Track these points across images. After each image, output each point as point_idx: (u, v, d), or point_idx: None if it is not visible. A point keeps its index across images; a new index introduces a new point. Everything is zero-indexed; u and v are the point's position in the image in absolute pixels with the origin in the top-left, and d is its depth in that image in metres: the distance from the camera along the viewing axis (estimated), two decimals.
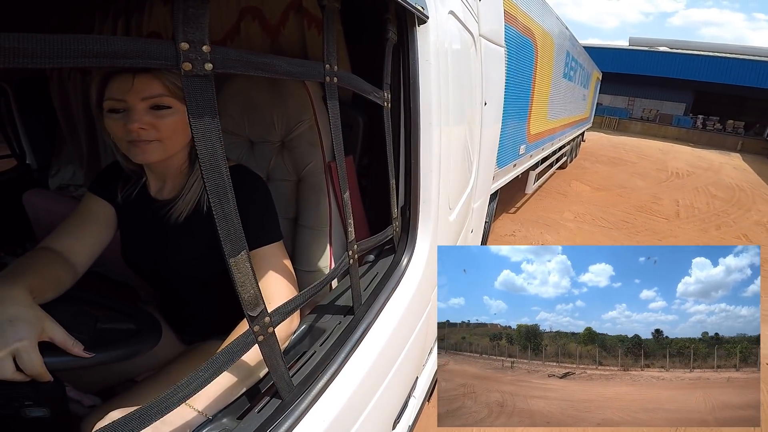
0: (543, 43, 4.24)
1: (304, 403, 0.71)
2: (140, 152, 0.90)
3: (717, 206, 7.60)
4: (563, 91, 6.18)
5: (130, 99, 0.86)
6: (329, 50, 0.68)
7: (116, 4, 1.82)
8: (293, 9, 1.29)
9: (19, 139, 2.53)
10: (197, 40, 0.42)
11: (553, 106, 5.51)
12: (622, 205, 7.01)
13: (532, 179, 5.67)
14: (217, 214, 0.49)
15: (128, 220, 1.13)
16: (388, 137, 1.00)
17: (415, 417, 1.48)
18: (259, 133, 1.34)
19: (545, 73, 4.68)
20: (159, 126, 0.89)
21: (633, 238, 5.43)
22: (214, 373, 0.55)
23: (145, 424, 0.50)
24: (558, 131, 6.45)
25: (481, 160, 2.04)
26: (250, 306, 0.57)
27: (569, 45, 6.03)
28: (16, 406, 0.77)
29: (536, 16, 3.86)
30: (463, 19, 1.43)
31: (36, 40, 0.32)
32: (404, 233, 1.17)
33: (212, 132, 0.46)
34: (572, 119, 7.94)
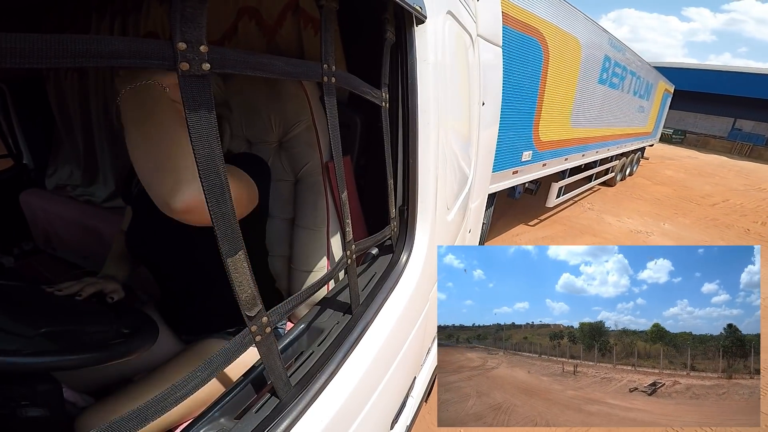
0: (558, 44, 3.93)
1: (302, 403, 0.71)
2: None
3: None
4: (600, 98, 5.64)
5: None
6: (327, 50, 0.68)
7: (113, 4, 1.82)
8: (290, 9, 1.29)
9: (16, 139, 2.54)
10: (195, 40, 0.42)
11: (580, 113, 5.06)
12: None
13: (555, 192, 5.32)
14: (214, 214, 0.49)
15: (138, 211, 1.17)
16: (386, 137, 1.00)
17: (413, 417, 1.48)
18: (256, 134, 1.34)
19: (564, 77, 4.30)
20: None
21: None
22: (211, 374, 0.55)
23: (142, 424, 0.50)
24: (593, 142, 5.93)
25: (479, 160, 2.04)
26: (247, 306, 0.57)
27: (609, 49, 5.49)
28: (13, 406, 0.77)
29: (546, 14, 3.59)
30: (462, 19, 1.43)
31: (33, 40, 0.32)
32: (402, 233, 1.17)
33: (209, 132, 0.46)
34: (620, 131, 7.24)
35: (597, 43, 5.00)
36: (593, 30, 4.81)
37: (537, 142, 4.12)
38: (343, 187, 0.82)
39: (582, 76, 4.76)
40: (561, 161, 4.98)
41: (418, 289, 1.17)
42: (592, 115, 5.51)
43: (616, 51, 5.76)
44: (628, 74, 6.58)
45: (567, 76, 4.39)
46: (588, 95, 5.15)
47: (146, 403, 0.51)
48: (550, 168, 4.75)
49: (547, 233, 5.57)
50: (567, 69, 4.33)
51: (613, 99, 6.26)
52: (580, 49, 4.51)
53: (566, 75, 4.36)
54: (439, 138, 1.18)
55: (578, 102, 4.88)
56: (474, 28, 1.72)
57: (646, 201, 8.16)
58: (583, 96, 5.00)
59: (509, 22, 3.00)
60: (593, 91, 5.30)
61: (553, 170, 4.89)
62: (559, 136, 4.67)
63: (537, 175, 4.45)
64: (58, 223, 2.20)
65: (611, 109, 6.29)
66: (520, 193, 4.69)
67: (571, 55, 4.34)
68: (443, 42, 1.17)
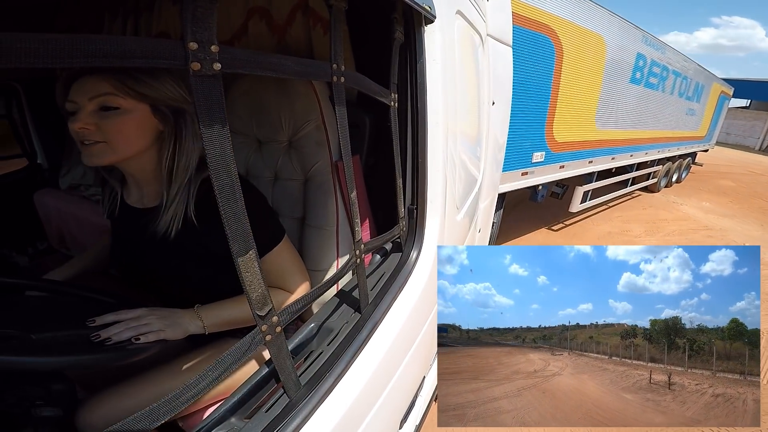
0: (575, 41, 3.75)
1: (311, 403, 0.71)
2: (87, 154, 0.90)
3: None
4: (634, 99, 5.33)
5: (79, 99, 0.87)
6: (336, 50, 0.68)
7: (125, 4, 1.83)
8: (300, 9, 1.29)
9: (30, 139, 2.57)
10: (205, 39, 0.43)
11: (608, 113, 4.80)
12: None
13: (579, 197, 5.07)
14: (226, 214, 0.49)
15: (117, 229, 1.15)
16: (395, 137, 1.00)
17: (422, 417, 1.48)
18: (266, 133, 1.34)
19: (583, 75, 4.10)
20: (103, 127, 0.88)
21: None
22: (222, 373, 0.56)
23: (155, 422, 0.51)
24: (626, 144, 5.59)
25: (489, 159, 2.03)
26: (258, 305, 0.57)
27: (644, 47, 5.13)
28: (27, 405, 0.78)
29: (559, 11, 3.45)
30: (471, 19, 1.42)
31: (47, 40, 0.32)
32: (411, 232, 1.17)
33: (221, 132, 0.47)
34: (662, 135, 6.80)
35: (626, 40, 4.70)
36: (621, 27, 4.54)
37: (551, 143, 3.98)
38: (352, 187, 0.82)
39: (608, 75, 4.52)
40: (584, 164, 4.73)
41: (428, 288, 1.16)
42: (624, 116, 5.23)
43: (653, 49, 5.39)
44: (670, 74, 6.17)
45: (588, 75, 4.21)
46: (617, 95, 4.88)
47: (159, 403, 0.51)
48: (570, 170, 4.51)
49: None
50: (588, 67, 4.15)
51: (652, 100, 5.89)
52: (604, 46, 4.27)
53: (587, 73, 4.17)
54: (448, 137, 1.17)
55: (604, 102, 4.64)
56: (484, 28, 1.71)
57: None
58: (611, 96, 4.75)
59: (518, 20, 2.95)
60: (624, 91, 5.02)
61: (574, 173, 4.64)
62: (580, 137, 4.48)
63: (553, 177, 4.27)
64: (72, 222, 2.22)
65: (650, 111, 5.93)
66: (543, 196, 4.49)
67: (592, 53, 4.15)
68: (452, 42, 1.17)
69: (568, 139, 4.23)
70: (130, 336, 0.82)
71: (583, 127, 4.45)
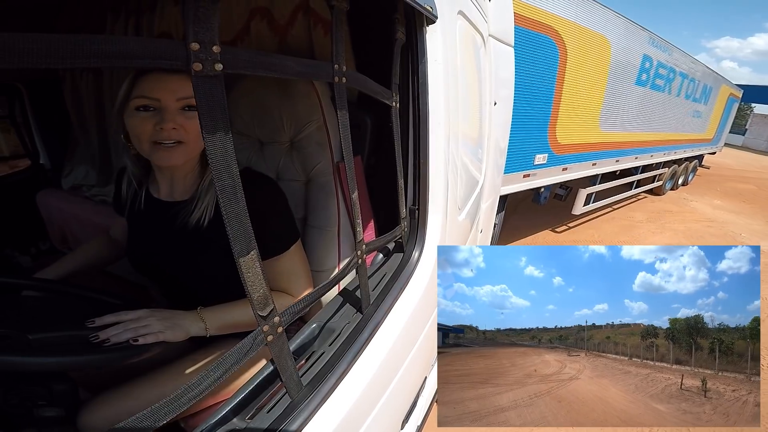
0: (579, 42, 3.71)
1: (313, 403, 0.71)
2: (166, 156, 0.90)
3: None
4: (639, 101, 5.26)
5: (165, 98, 0.86)
6: (338, 50, 0.68)
7: (127, 5, 1.84)
8: (301, 9, 1.29)
9: (33, 139, 2.58)
10: (207, 40, 0.42)
11: (612, 116, 4.74)
12: None
13: (582, 199, 5.02)
14: (227, 214, 0.49)
15: (139, 223, 1.14)
16: (397, 137, 1.00)
17: (423, 417, 1.48)
18: (268, 134, 1.34)
19: (588, 77, 4.05)
20: (188, 127, 0.89)
21: None
22: (224, 373, 0.56)
23: (156, 423, 0.51)
24: (630, 147, 5.55)
25: (490, 160, 2.02)
26: (260, 306, 0.57)
27: (650, 49, 5.06)
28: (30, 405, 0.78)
29: (563, 12, 3.40)
30: (473, 19, 1.42)
31: (49, 40, 0.32)
32: (413, 233, 1.17)
33: (222, 132, 0.47)
34: (668, 137, 6.74)
35: (632, 41, 4.64)
36: (627, 28, 4.48)
37: (554, 145, 3.93)
38: (353, 187, 0.81)
39: (613, 77, 4.47)
40: (587, 166, 4.69)
41: (429, 288, 1.16)
42: (629, 118, 5.18)
43: (659, 51, 5.32)
44: (677, 76, 6.11)
45: (592, 77, 4.15)
46: (622, 97, 4.83)
47: (161, 403, 0.51)
48: (573, 173, 4.48)
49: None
50: (592, 69, 4.10)
51: (658, 102, 5.83)
52: (609, 48, 4.22)
53: (591, 75, 4.12)
54: (450, 138, 1.17)
55: (609, 104, 4.58)
56: (485, 28, 1.71)
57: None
58: (616, 98, 4.69)
59: (521, 20, 2.93)
60: (629, 93, 4.97)
61: (578, 175, 4.60)
62: (584, 139, 4.43)
63: (556, 180, 4.23)
64: (74, 222, 2.23)
65: (655, 113, 5.87)
66: (546, 198, 4.47)
67: (597, 54, 4.09)
68: (454, 42, 1.16)
69: (572, 141, 4.19)
70: (129, 337, 0.82)
71: (587, 129, 4.42)
